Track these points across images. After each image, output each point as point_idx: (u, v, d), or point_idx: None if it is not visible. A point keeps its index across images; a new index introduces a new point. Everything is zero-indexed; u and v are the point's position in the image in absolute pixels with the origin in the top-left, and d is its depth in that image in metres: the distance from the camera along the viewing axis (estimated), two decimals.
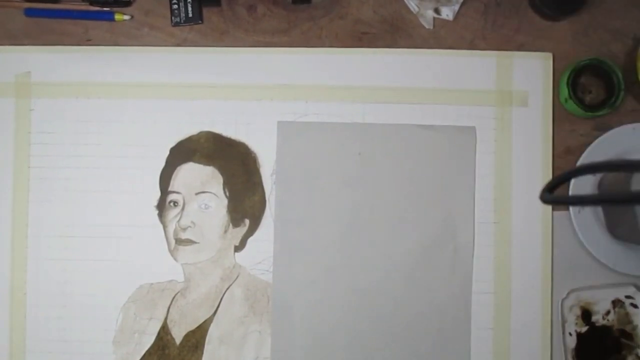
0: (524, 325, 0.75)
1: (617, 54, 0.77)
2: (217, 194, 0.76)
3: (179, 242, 0.76)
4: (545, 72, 0.76)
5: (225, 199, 0.76)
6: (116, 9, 0.77)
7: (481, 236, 0.75)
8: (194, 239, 0.76)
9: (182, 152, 0.76)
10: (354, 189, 0.76)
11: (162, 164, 0.76)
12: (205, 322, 0.75)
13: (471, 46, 0.77)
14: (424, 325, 0.75)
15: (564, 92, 0.74)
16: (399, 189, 0.76)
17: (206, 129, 0.76)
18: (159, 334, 0.75)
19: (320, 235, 0.75)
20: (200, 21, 0.77)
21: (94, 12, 0.77)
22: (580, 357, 0.74)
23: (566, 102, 0.75)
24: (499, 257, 0.75)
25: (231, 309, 0.74)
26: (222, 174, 0.76)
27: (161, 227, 0.76)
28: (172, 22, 0.77)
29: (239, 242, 0.76)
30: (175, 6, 0.76)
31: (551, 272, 0.75)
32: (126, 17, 0.77)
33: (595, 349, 0.74)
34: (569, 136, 0.76)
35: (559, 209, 0.75)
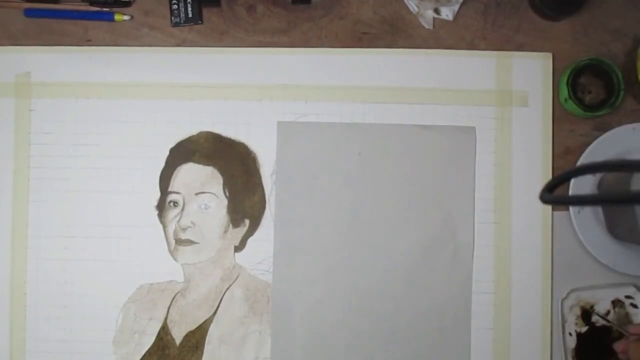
0: (524, 325, 0.75)
1: (617, 54, 0.77)
2: (217, 194, 0.76)
3: (179, 242, 0.76)
4: (545, 72, 0.76)
5: (225, 199, 0.76)
6: (116, 9, 0.77)
7: (481, 236, 0.75)
8: (194, 239, 0.76)
9: (182, 152, 0.76)
10: (354, 189, 0.76)
11: (162, 164, 0.76)
12: (205, 322, 0.75)
13: (471, 46, 0.77)
14: (424, 325, 0.75)
15: (564, 92, 0.74)
16: (399, 189, 0.76)
17: (206, 129, 0.76)
18: (159, 334, 0.75)
19: (320, 235, 0.75)
20: (200, 21, 0.77)
21: (94, 13, 0.77)
22: (580, 357, 0.74)
23: (566, 102, 0.75)
24: (499, 257, 0.75)
25: (231, 309, 0.74)
26: (222, 174, 0.76)
27: (161, 227, 0.76)
28: (172, 22, 0.77)
29: (239, 242, 0.76)
30: (175, 6, 0.76)
31: (551, 272, 0.75)
32: (126, 18, 0.77)
33: (595, 349, 0.74)
34: (569, 136, 0.76)
35: (559, 209, 0.75)
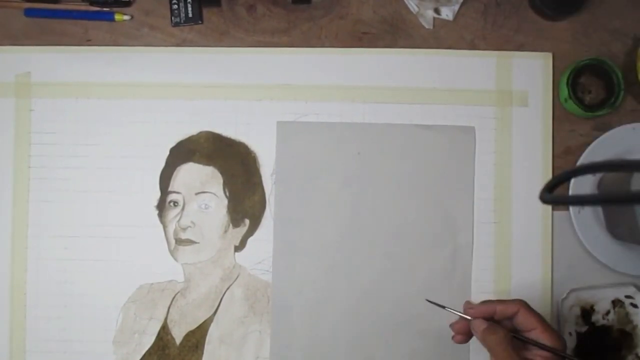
0: None
1: (617, 54, 0.77)
2: (217, 194, 0.76)
3: (179, 242, 0.76)
4: (545, 72, 0.76)
5: (225, 199, 0.76)
6: (116, 9, 0.77)
7: (481, 236, 0.75)
8: (194, 239, 0.76)
9: (182, 152, 0.76)
10: (353, 189, 0.76)
11: (162, 164, 0.76)
12: (205, 322, 0.75)
13: (471, 46, 0.77)
14: (423, 325, 0.75)
15: (564, 92, 0.74)
16: (399, 189, 0.76)
17: (206, 129, 0.76)
18: (159, 334, 0.75)
19: (320, 235, 0.75)
20: (200, 21, 0.77)
21: (94, 13, 0.77)
22: (580, 357, 0.74)
23: (566, 102, 0.75)
24: (499, 257, 0.75)
25: (231, 309, 0.74)
26: (222, 174, 0.76)
27: (161, 227, 0.76)
28: (172, 22, 0.77)
29: (239, 242, 0.76)
30: (175, 6, 0.76)
31: (551, 272, 0.75)
32: (126, 18, 0.77)
33: (595, 349, 0.74)
34: (569, 136, 0.76)
35: (559, 209, 0.75)
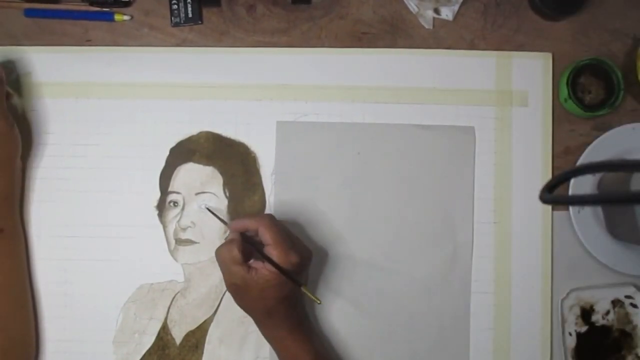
0: (524, 325, 0.75)
1: (616, 54, 0.77)
2: (217, 194, 0.76)
3: (179, 242, 0.76)
4: (545, 72, 0.76)
5: (225, 199, 0.76)
6: (116, 10, 0.77)
7: (481, 236, 0.75)
8: (194, 239, 0.76)
9: (182, 152, 0.76)
10: (353, 189, 0.76)
11: (162, 164, 0.76)
12: (205, 322, 0.75)
13: (471, 46, 0.77)
14: (423, 325, 0.75)
15: (564, 92, 0.74)
16: (399, 189, 0.76)
17: (206, 129, 0.76)
18: (159, 334, 0.75)
19: (319, 234, 0.75)
20: (200, 21, 0.77)
21: (93, 13, 0.77)
22: (580, 357, 0.74)
23: (566, 102, 0.75)
24: (499, 257, 0.75)
25: (231, 309, 0.74)
26: (222, 174, 0.76)
27: (161, 227, 0.76)
28: (172, 22, 0.77)
29: None
30: (175, 6, 0.76)
31: (551, 272, 0.75)
32: (126, 18, 0.77)
33: (595, 349, 0.74)
34: (569, 136, 0.76)
35: (559, 209, 0.75)
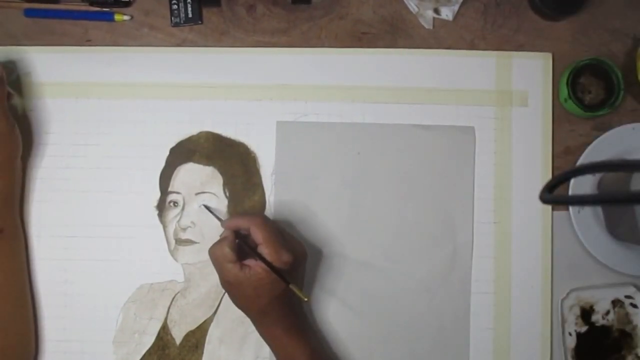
0: (524, 325, 0.75)
1: (616, 54, 0.77)
2: (217, 194, 0.76)
3: (179, 242, 0.76)
4: (545, 72, 0.76)
5: (225, 199, 0.76)
6: (116, 10, 0.77)
7: (481, 236, 0.75)
8: (194, 239, 0.76)
9: (182, 152, 0.76)
10: (353, 189, 0.76)
11: (162, 164, 0.76)
12: (205, 322, 0.75)
13: (471, 46, 0.77)
14: (422, 325, 0.75)
15: (564, 92, 0.74)
16: (399, 189, 0.76)
17: (206, 129, 0.76)
18: (159, 334, 0.75)
19: (319, 235, 0.75)
20: (200, 21, 0.77)
21: (93, 13, 0.77)
22: (580, 357, 0.74)
23: (566, 102, 0.75)
24: (499, 257, 0.75)
25: (231, 309, 0.74)
26: (222, 174, 0.76)
27: (161, 227, 0.76)
28: (171, 22, 0.77)
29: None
30: (175, 6, 0.76)
31: (551, 272, 0.75)
32: (126, 18, 0.77)
33: (595, 349, 0.74)
34: (569, 136, 0.76)
35: (559, 209, 0.75)
